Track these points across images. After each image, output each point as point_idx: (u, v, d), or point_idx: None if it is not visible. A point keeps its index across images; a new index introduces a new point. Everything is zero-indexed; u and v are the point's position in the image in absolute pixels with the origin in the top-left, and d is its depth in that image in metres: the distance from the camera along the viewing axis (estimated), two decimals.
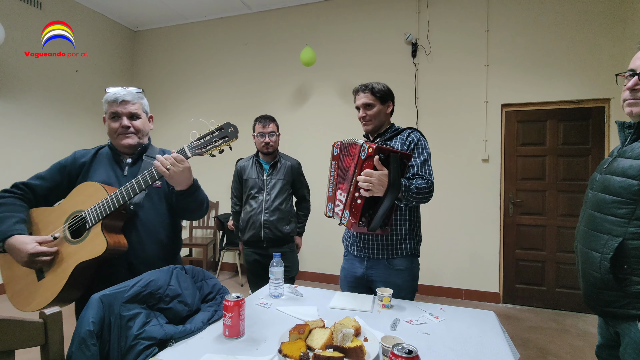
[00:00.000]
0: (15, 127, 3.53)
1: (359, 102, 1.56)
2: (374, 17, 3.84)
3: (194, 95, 4.59)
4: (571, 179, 3.27)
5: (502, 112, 3.46)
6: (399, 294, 1.40)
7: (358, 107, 1.57)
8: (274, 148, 2.17)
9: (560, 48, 3.26)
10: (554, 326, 2.92)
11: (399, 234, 1.48)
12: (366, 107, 1.54)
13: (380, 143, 1.53)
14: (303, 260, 3.97)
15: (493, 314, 1.25)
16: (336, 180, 1.43)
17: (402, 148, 1.47)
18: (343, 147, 1.44)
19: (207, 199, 1.41)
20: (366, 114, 1.54)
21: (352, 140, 1.38)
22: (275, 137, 2.15)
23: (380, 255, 1.48)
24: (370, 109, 1.53)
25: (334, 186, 1.43)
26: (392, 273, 1.47)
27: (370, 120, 1.54)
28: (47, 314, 0.88)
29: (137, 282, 1.08)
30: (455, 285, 3.54)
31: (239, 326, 1.04)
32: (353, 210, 1.25)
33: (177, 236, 1.47)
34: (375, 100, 1.53)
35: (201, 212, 1.39)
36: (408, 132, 1.53)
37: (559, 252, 3.29)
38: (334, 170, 1.45)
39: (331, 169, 1.47)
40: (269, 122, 2.14)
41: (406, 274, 1.49)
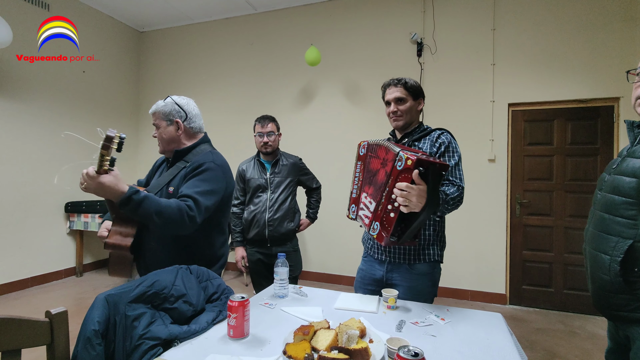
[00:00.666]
0: (22, 128, 3.57)
1: (391, 96, 1.47)
2: (379, 17, 3.82)
3: (199, 95, 4.61)
4: (579, 179, 3.22)
5: (509, 112, 3.43)
6: (418, 299, 1.37)
7: (388, 101, 1.48)
8: (272, 148, 2.16)
9: (568, 46, 3.22)
10: (562, 328, 2.88)
11: (423, 239, 1.43)
12: (398, 101, 1.46)
13: (407, 143, 1.47)
14: (308, 260, 3.97)
15: (500, 316, 1.24)
16: (361, 182, 1.37)
17: (432, 150, 1.41)
18: (371, 148, 1.36)
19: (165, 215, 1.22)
20: (397, 108, 1.45)
21: (381, 142, 1.31)
22: (274, 137, 2.15)
23: (403, 259, 1.44)
24: (402, 103, 1.46)
25: (358, 187, 1.38)
26: (413, 277, 1.43)
27: (401, 115, 1.46)
28: (53, 314, 0.88)
29: (142, 282, 1.08)
30: (460, 287, 3.52)
31: (244, 327, 1.04)
32: (385, 223, 1.18)
33: (198, 246, 1.42)
34: (407, 95, 1.46)
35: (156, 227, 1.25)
36: (438, 133, 1.45)
37: (567, 254, 3.25)
38: (360, 171, 1.38)
39: (356, 169, 1.40)
40: (268, 122, 2.15)
41: (427, 278, 1.44)
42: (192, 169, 1.38)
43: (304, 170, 2.32)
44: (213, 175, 1.37)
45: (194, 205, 1.27)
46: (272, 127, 2.15)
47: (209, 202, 1.33)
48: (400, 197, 1.11)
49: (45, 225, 3.80)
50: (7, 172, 3.43)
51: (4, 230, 3.42)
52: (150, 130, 4.84)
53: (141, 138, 4.91)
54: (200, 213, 1.29)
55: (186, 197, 1.29)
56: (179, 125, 1.44)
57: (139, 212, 1.19)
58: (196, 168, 1.37)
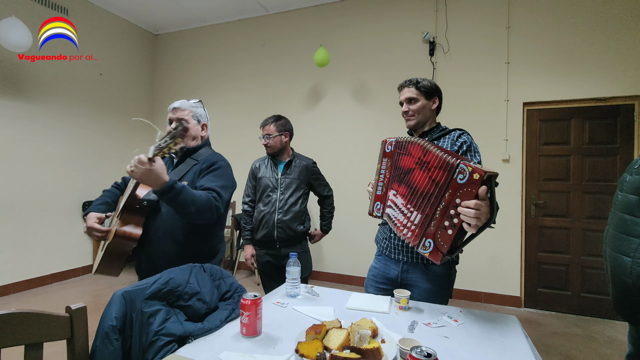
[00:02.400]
0: (41, 129, 3.68)
1: (403, 96, 1.51)
2: (390, 16, 3.80)
3: (212, 95, 4.67)
4: (598, 179, 3.14)
5: (524, 111, 3.36)
6: (434, 300, 1.37)
7: (401, 102, 1.53)
8: (272, 149, 2.15)
9: (585, 43, 3.14)
10: (579, 332, 2.81)
11: None
12: (409, 101, 1.49)
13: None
14: (320, 260, 3.97)
15: (515, 318, 1.22)
16: (388, 179, 1.35)
17: (452, 149, 1.40)
18: (400, 145, 1.35)
19: (198, 203, 1.32)
20: (409, 108, 1.49)
21: (414, 140, 1.29)
22: (272, 139, 2.13)
23: (419, 259, 1.43)
24: (413, 103, 1.49)
25: (384, 185, 1.36)
26: (429, 278, 1.42)
27: (413, 115, 1.48)
28: (73, 309, 0.91)
29: (158, 279, 1.10)
30: (473, 288, 3.47)
31: (256, 325, 1.05)
32: (440, 240, 1.08)
33: (201, 237, 1.50)
34: (419, 94, 1.48)
35: (189, 215, 1.33)
36: (458, 133, 1.45)
37: (585, 256, 3.17)
38: (386, 169, 1.37)
39: (381, 166, 1.39)
40: (266, 125, 2.15)
41: (443, 280, 1.44)
42: (208, 166, 1.51)
43: (316, 174, 2.28)
44: (226, 172, 1.54)
45: (218, 197, 1.41)
46: (269, 129, 2.13)
47: (227, 196, 1.49)
48: (472, 218, 1.00)
49: (63, 224, 3.91)
50: (26, 172, 3.54)
51: (24, 229, 3.54)
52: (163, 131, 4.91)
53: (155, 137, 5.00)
54: (223, 204, 1.44)
55: (210, 189, 1.41)
56: (204, 128, 1.64)
57: (178, 200, 1.27)
58: (211, 165, 1.51)
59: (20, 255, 3.51)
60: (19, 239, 3.50)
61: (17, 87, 3.48)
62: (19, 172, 3.45)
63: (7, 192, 3.38)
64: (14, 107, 3.45)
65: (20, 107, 3.50)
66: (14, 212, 3.44)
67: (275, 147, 2.16)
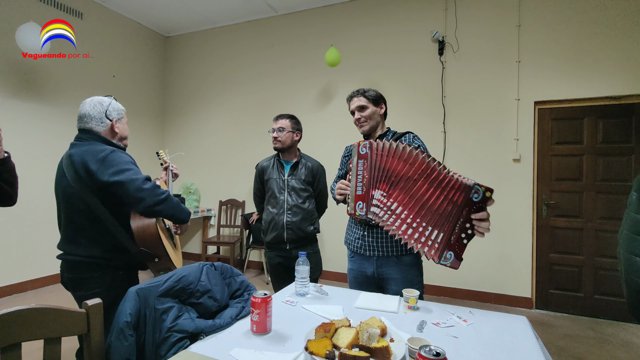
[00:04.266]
0: (56, 129, 3.77)
1: (353, 106, 1.64)
2: (399, 16, 3.79)
3: (222, 97, 4.72)
4: (611, 179, 3.08)
5: (535, 110, 3.32)
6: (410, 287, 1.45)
7: (353, 111, 1.65)
8: (281, 144, 2.12)
9: (598, 40, 3.08)
10: (592, 335, 2.76)
11: None
12: (360, 109, 1.62)
13: None
14: (328, 259, 3.98)
15: (525, 319, 1.21)
16: (367, 179, 1.40)
17: None
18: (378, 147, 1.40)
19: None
20: (360, 115, 1.62)
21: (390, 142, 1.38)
22: (284, 133, 2.11)
23: (391, 252, 1.54)
24: (363, 110, 1.62)
25: (364, 185, 1.41)
26: (402, 269, 1.54)
27: (365, 121, 1.62)
28: (89, 305, 0.94)
29: (170, 277, 1.13)
30: (484, 289, 3.43)
31: (266, 322, 1.07)
32: (457, 250, 1.27)
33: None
34: (368, 102, 1.62)
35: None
36: (412, 136, 1.61)
37: (598, 257, 3.11)
38: (363, 169, 1.42)
39: (357, 167, 1.43)
40: (281, 118, 2.14)
41: (415, 269, 1.56)
42: None
43: (320, 179, 2.26)
44: None
45: None
46: (283, 123, 2.13)
47: None
48: (486, 229, 1.23)
49: None
50: (42, 171, 3.63)
51: (40, 228, 3.63)
52: (176, 132, 5.00)
53: (166, 138, 5.07)
54: None
55: None
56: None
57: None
58: None
59: (36, 253, 3.60)
60: (35, 236, 3.59)
61: (33, 89, 3.58)
62: (35, 171, 3.54)
63: (23, 191, 3.47)
64: (30, 108, 3.55)
65: (36, 108, 3.59)
66: (30, 210, 3.53)
67: (285, 143, 2.13)
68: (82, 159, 1.35)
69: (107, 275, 1.41)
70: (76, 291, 1.42)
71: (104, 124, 1.47)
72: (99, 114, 1.46)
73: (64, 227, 1.43)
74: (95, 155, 1.35)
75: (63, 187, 1.40)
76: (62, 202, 1.43)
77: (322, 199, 2.32)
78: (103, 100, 1.51)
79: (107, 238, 1.41)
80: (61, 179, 1.42)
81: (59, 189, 1.44)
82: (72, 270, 1.40)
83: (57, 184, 1.46)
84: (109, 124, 1.48)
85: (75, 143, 1.44)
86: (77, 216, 1.39)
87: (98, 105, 1.48)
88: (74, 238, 1.40)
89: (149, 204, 1.35)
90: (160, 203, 1.38)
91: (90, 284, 1.39)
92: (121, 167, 1.35)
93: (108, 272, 1.41)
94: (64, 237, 1.43)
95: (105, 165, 1.33)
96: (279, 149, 2.16)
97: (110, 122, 1.48)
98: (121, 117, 1.54)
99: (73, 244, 1.39)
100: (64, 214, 1.43)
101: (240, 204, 4.51)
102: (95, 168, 1.33)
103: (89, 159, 1.34)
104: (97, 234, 1.40)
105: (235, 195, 4.59)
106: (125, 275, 1.48)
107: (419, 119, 3.68)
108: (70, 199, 1.39)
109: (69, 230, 1.41)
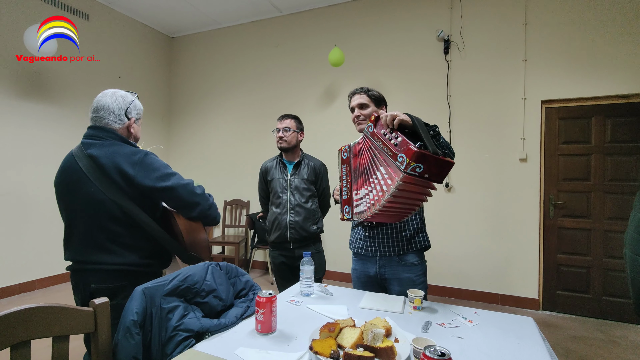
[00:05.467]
0: (65, 131, 3.81)
1: (354, 102, 1.61)
2: (404, 15, 3.78)
3: (227, 96, 4.74)
4: (620, 179, 3.04)
5: (542, 109, 3.29)
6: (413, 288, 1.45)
7: (353, 107, 1.62)
8: (287, 144, 2.14)
9: (607, 38, 3.04)
10: (601, 337, 2.73)
11: (411, 228, 1.55)
12: (361, 107, 1.60)
13: None
14: (332, 259, 3.98)
15: (531, 320, 1.20)
16: (350, 182, 1.43)
17: None
18: (351, 150, 1.45)
19: None
20: (360, 113, 1.59)
21: (357, 140, 1.42)
22: (290, 133, 2.12)
23: (393, 252, 1.53)
24: (365, 108, 1.59)
25: (348, 189, 1.43)
26: (404, 269, 1.53)
27: (364, 119, 1.59)
28: (96, 304, 0.95)
29: (176, 276, 1.14)
30: (490, 290, 3.41)
31: (271, 322, 1.07)
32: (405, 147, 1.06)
33: None
34: (370, 101, 1.60)
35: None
36: None
37: (607, 258, 3.07)
38: (347, 173, 1.45)
39: (341, 173, 1.46)
40: (286, 118, 2.15)
41: (418, 268, 1.54)
42: None
43: (323, 178, 2.26)
44: None
45: None
46: (289, 123, 2.14)
47: None
48: (391, 118, 1.17)
49: None
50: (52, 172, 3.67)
51: (50, 227, 3.67)
52: (180, 132, 5.03)
53: (171, 138, 5.11)
54: None
55: None
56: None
57: None
58: None
59: (45, 252, 3.65)
60: (45, 236, 3.64)
61: (41, 90, 3.62)
62: (45, 171, 3.59)
63: (33, 191, 3.52)
64: (38, 110, 3.59)
65: (44, 109, 3.64)
66: (40, 210, 3.58)
67: (291, 143, 2.15)
68: (113, 162, 1.22)
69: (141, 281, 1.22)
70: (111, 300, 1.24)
71: (121, 122, 1.32)
72: (119, 110, 1.31)
73: (85, 237, 1.26)
74: (128, 158, 1.23)
75: (87, 193, 1.23)
76: (84, 209, 1.25)
77: (325, 198, 2.32)
78: (126, 95, 1.36)
79: (144, 244, 1.30)
80: (79, 184, 1.24)
81: (75, 195, 1.26)
82: (105, 280, 1.25)
83: (68, 188, 1.28)
84: (126, 123, 1.33)
85: (93, 142, 1.26)
86: (111, 223, 1.24)
87: (120, 100, 1.32)
88: (106, 246, 1.25)
89: (204, 207, 1.31)
90: (212, 206, 1.35)
91: (126, 292, 1.20)
92: (165, 171, 1.27)
93: (142, 278, 1.24)
94: (88, 247, 1.26)
95: (145, 170, 1.23)
96: (284, 148, 2.17)
97: (127, 121, 1.34)
98: (139, 117, 1.41)
99: (105, 252, 1.25)
100: (85, 223, 1.26)
101: (245, 204, 4.52)
102: (133, 172, 1.22)
103: (122, 161, 1.22)
104: (134, 241, 1.28)
105: (240, 195, 4.61)
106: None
107: (424, 119, 3.64)
108: (100, 205, 1.23)
109: (98, 239, 1.25)
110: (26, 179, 3.46)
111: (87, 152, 1.25)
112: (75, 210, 1.28)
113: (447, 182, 3.57)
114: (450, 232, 3.53)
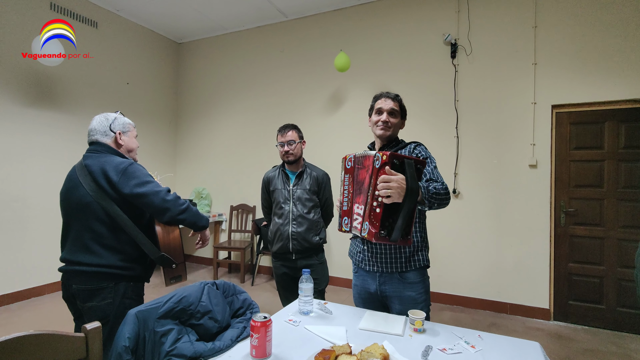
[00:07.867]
0: (73, 137, 3.86)
1: (387, 106, 1.54)
2: (410, 19, 3.72)
3: (233, 101, 4.75)
4: (635, 186, 2.93)
5: (553, 114, 3.20)
6: (415, 307, 1.41)
7: (380, 110, 1.55)
8: (294, 156, 2.12)
9: (620, 41, 2.94)
10: (615, 350, 2.64)
11: (413, 245, 1.49)
12: (392, 113, 1.55)
13: None
14: (338, 265, 3.95)
15: (538, 346, 1.15)
16: (351, 194, 1.39)
17: None
18: (357, 160, 1.39)
19: None
20: (389, 119, 1.54)
21: (365, 152, 1.35)
22: (295, 145, 2.10)
23: (393, 268, 1.48)
24: (394, 116, 1.56)
25: (349, 200, 1.40)
26: (406, 287, 1.47)
27: (391, 127, 1.55)
28: (88, 329, 0.94)
29: (171, 297, 1.12)
30: (499, 299, 3.33)
31: (266, 347, 1.05)
32: (373, 220, 1.22)
33: None
34: (398, 111, 1.57)
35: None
36: (413, 145, 1.54)
37: (621, 268, 2.97)
38: (349, 184, 1.41)
39: (344, 182, 1.43)
40: (288, 130, 2.12)
41: (420, 286, 1.48)
42: None
43: (326, 187, 2.23)
44: None
45: None
46: (293, 135, 2.11)
47: None
48: (382, 190, 1.17)
49: None
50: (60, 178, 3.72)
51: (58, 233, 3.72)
52: (188, 138, 5.06)
53: (179, 143, 5.14)
54: None
55: None
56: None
57: None
58: None
59: (52, 257, 3.70)
60: (52, 242, 3.69)
61: (50, 97, 3.68)
62: (53, 177, 3.64)
63: (42, 198, 3.57)
64: (46, 117, 3.64)
65: (52, 116, 3.69)
66: (48, 216, 3.63)
67: (297, 155, 2.14)
68: (101, 169, 1.40)
69: (121, 285, 1.43)
70: (87, 302, 1.41)
71: (108, 137, 1.53)
72: (103, 127, 1.54)
73: (75, 237, 1.42)
74: (115, 166, 1.41)
75: (78, 196, 1.42)
76: (76, 211, 1.43)
77: (328, 209, 2.29)
78: (109, 115, 1.59)
79: (126, 246, 1.43)
80: (74, 189, 1.44)
81: (70, 199, 1.45)
82: (84, 281, 1.39)
83: (67, 194, 1.48)
84: (112, 136, 1.54)
85: (89, 155, 1.49)
86: (96, 224, 1.40)
87: (103, 120, 1.56)
88: (89, 246, 1.39)
89: (174, 213, 1.43)
90: (184, 212, 1.47)
91: (103, 294, 1.39)
92: (143, 179, 1.42)
93: (122, 282, 1.43)
94: (75, 247, 1.42)
95: (126, 177, 1.39)
96: (292, 161, 2.15)
97: (113, 135, 1.54)
98: (127, 130, 1.60)
99: (88, 252, 1.39)
100: (76, 224, 1.43)
101: (251, 209, 4.52)
102: (117, 179, 1.38)
103: (109, 168, 1.40)
104: (117, 242, 1.42)
105: (246, 200, 4.61)
106: (136, 287, 1.50)
107: (431, 124, 3.61)
108: (87, 207, 1.40)
109: (84, 239, 1.41)
110: (34, 185, 3.51)
111: (83, 163, 1.47)
112: (70, 213, 1.47)
113: (454, 189, 3.50)
114: (459, 239, 3.46)
